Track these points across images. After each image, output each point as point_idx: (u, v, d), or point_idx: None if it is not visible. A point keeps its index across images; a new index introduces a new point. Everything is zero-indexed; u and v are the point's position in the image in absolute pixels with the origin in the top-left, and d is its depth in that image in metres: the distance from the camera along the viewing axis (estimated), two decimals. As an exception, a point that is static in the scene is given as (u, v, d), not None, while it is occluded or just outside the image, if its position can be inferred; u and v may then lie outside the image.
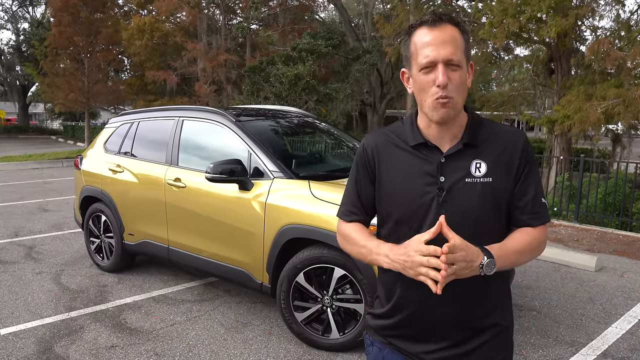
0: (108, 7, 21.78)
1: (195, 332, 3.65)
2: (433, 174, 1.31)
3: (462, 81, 1.27)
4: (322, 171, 4.11)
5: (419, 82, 1.29)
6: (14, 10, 36.45)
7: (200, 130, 4.31)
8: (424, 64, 1.25)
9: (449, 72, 1.24)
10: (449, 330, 1.35)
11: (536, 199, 1.34)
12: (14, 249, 5.88)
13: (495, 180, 1.30)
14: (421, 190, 1.31)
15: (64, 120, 37.10)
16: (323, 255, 3.24)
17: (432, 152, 1.33)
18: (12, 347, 3.40)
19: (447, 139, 1.34)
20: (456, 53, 1.25)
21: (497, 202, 1.31)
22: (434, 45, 1.24)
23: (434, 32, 1.26)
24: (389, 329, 1.43)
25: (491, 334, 1.36)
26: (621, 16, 10.38)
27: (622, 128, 11.79)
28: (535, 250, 1.35)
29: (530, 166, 1.34)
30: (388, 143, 1.40)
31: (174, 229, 4.21)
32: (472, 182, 1.30)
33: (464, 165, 1.31)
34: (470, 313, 1.34)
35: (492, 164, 1.31)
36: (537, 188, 1.35)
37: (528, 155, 1.34)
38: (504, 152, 1.33)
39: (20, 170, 15.04)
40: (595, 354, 3.38)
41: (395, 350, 1.42)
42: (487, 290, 1.34)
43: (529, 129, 38.59)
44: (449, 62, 1.24)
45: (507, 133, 1.36)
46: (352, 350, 3.33)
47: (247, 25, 19.92)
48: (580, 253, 5.58)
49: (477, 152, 1.32)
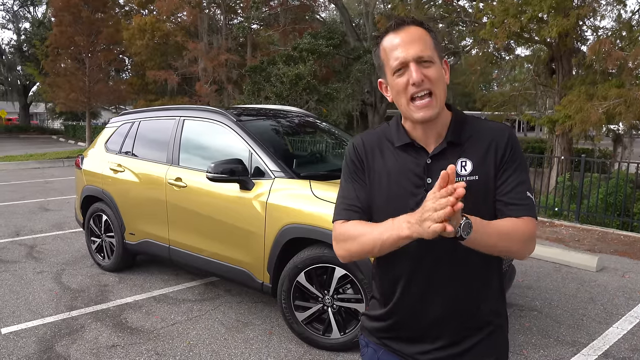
0: (109, 6, 21.82)
1: (196, 332, 3.66)
2: (420, 175, 1.31)
3: (438, 75, 1.26)
4: (323, 171, 4.10)
5: (394, 86, 1.28)
6: (15, 10, 36.51)
7: (201, 130, 4.31)
8: (396, 66, 1.26)
9: (422, 69, 1.24)
10: (444, 330, 1.35)
11: (519, 191, 1.29)
12: (15, 248, 5.88)
13: (481, 178, 1.29)
14: (409, 192, 1.31)
15: (65, 120, 37.14)
16: (324, 255, 3.24)
17: (419, 153, 1.33)
18: (13, 346, 3.40)
19: (432, 139, 1.33)
20: (425, 50, 1.25)
21: (484, 200, 1.30)
22: (402, 46, 1.25)
23: (399, 35, 1.26)
24: (384, 330, 1.43)
25: (485, 333, 1.36)
26: (622, 16, 10.37)
27: (623, 128, 11.78)
28: (518, 241, 1.26)
29: (513, 159, 1.30)
30: (376, 144, 1.40)
31: (174, 228, 4.22)
32: (458, 181, 1.28)
33: (449, 164, 1.30)
34: (464, 312, 1.34)
35: (478, 161, 1.30)
36: (522, 181, 1.30)
37: (512, 148, 1.31)
38: (489, 148, 1.31)
39: (22, 169, 15.05)
40: (597, 354, 3.37)
41: (390, 352, 1.42)
42: (481, 290, 1.35)
43: (529, 129, 38.61)
44: (420, 59, 1.24)
45: (491, 129, 1.34)
46: (353, 350, 3.32)
47: (248, 25, 19.93)
48: (581, 253, 5.57)
49: (461, 150, 1.31)
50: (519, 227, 1.26)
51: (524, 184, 1.30)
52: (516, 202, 1.28)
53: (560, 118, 8.83)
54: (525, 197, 1.29)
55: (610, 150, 14.57)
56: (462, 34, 14.39)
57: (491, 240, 1.20)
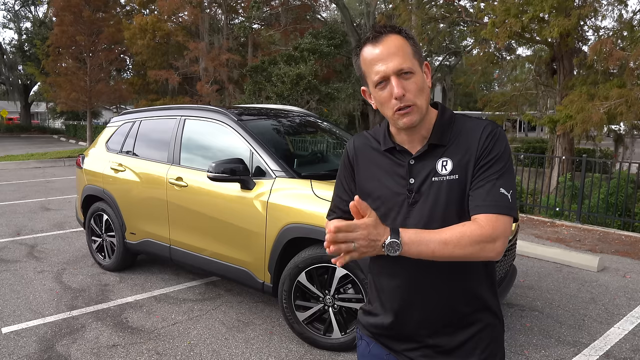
0: (110, 6, 21.85)
1: (196, 332, 3.65)
2: (404, 176, 1.34)
3: (419, 86, 1.28)
4: (324, 170, 4.10)
5: (377, 98, 1.31)
6: (16, 10, 36.53)
7: (202, 130, 4.31)
8: (377, 80, 1.28)
9: (403, 82, 1.26)
10: (431, 329, 1.37)
11: (487, 188, 1.25)
12: (15, 247, 5.88)
13: (461, 177, 1.29)
14: (394, 192, 1.35)
15: (66, 120, 37.13)
16: (325, 255, 3.23)
17: (403, 155, 1.37)
18: (14, 346, 3.40)
19: (417, 142, 1.36)
20: (405, 61, 1.25)
21: (464, 198, 1.29)
22: (382, 60, 1.26)
23: (378, 47, 1.27)
24: (376, 327, 1.46)
25: (475, 331, 1.37)
26: (624, 16, 10.34)
27: (624, 128, 11.77)
28: (466, 245, 1.20)
29: (488, 154, 1.27)
30: (367, 146, 1.45)
31: (175, 228, 4.21)
32: (439, 180, 1.30)
33: (430, 164, 1.32)
34: (454, 310, 1.35)
35: (459, 160, 1.30)
36: (493, 177, 1.25)
37: (488, 143, 1.28)
38: (470, 146, 1.30)
39: (22, 169, 15.06)
40: (598, 354, 3.37)
41: (381, 346, 1.46)
42: (471, 287, 1.36)
43: (531, 129, 38.60)
44: (400, 72, 1.25)
45: (473, 127, 1.33)
46: (354, 350, 3.32)
47: (249, 24, 19.93)
48: (583, 253, 5.57)
49: (444, 150, 1.33)
50: (469, 231, 1.20)
51: (497, 179, 1.25)
52: (481, 201, 1.24)
53: (561, 118, 8.82)
54: (494, 194, 1.24)
55: (611, 150, 14.56)
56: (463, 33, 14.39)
57: (428, 248, 1.19)
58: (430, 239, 1.20)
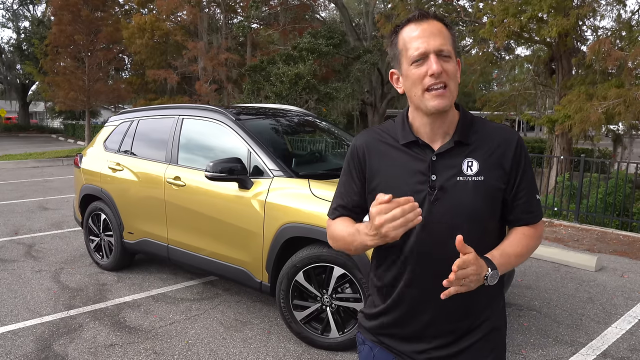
0: (109, 5, 21.83)
1: (194, 331, 3.65)
2: (425, 172, 1.31)
3: (454, 71, 1.28)
4: (321, 170, 4.10)
5: (410, 76, 1.28)
6: (14, 9, 36.46)
7: (200, 129, 4.30)
8: (416, 57, 1.26)
9: (442, 62, 1.25)
10: (441, 330, 1.35)
11: (532, 198, 1.36)
12: (13, 247, 5.87)
13: (487, 179, 1.30)
14: (413, 189, 1.31)
15: (64, 119, 37.09)
16: (322, 254, 3.23)
17: (424, 150, 1.33)
18: (11, 345, 3.40)
19: (439, 137, 1.34)
20: (446, 44, 1.26)
21: (489, 200, 1.31)
22: (424, 37, 1.25)
23: (422, 26, 1.27)
24: (382, 327, 1.43)
25: (482, 334, 1.36)
26: (622, 16, 10.36)
27: (622, 128, 11.78)
28: (533, 249, 1.38)
29: (525, 165, 1.34)
30: (378, 142, 1.40)
31: (173, 227, 4.21)
32: (464, 180, 1.29)
33: (455, 163, 1.31)
34: (461, 313, 1.34)
35: (484, 162, 1.31)
36: (532, 186, 1.37)
37: (522, 154, 1.34)
38: (496, 150, 1.32)
39: (21, 168, 15.03)
40: (595, 354, 3.37)
41: (386, 349, 1.43)
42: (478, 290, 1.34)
43: (529, 128, 38.61)
44: (440, 53, 1.25)
45: (499, 131, 1.36)
46: (351, 350, 3.32)
47: (247, 24, 19.88)
48: (581, 253, 5.57)
49: (468, 150, 1.32)
50: (532, 237, 1.37)
51: (534, 188, 1.37)
52: (532, 209, 1.37)
53: (559, 118, 8.82)
54: (537, 202, 1.38)
55: (609, 150, 14.58)
56: (461, 33, 14.37)
57: (510, 265, 1.32)
58: (510, 257, 1.31)
